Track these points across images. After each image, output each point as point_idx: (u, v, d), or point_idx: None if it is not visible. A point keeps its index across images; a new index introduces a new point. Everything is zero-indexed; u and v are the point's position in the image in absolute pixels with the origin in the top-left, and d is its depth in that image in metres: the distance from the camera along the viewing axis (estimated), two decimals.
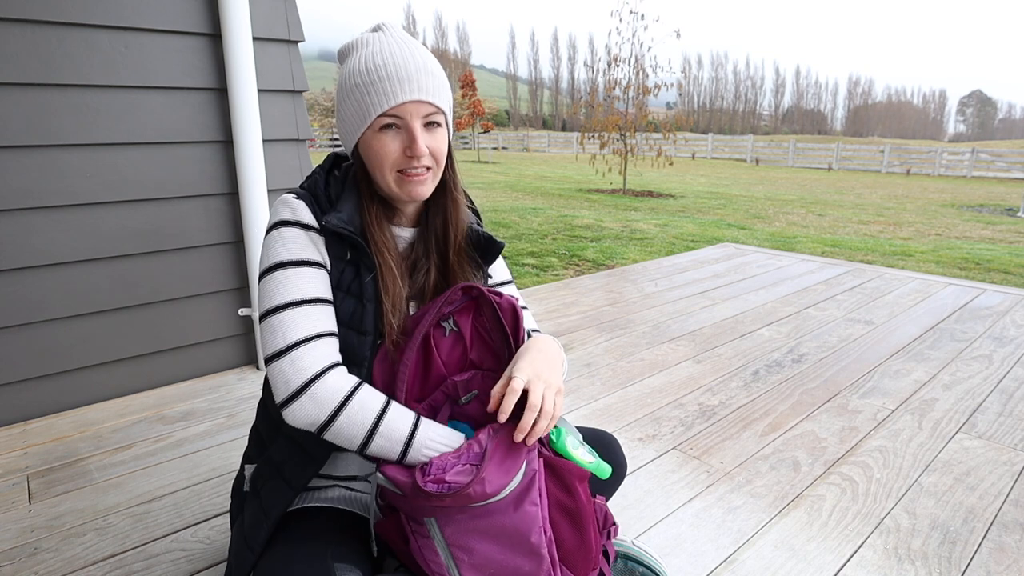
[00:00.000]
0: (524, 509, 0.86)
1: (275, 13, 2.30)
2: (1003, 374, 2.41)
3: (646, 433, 1.92)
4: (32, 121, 1.89)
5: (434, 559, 0.88)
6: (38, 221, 1.95)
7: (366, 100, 0.92)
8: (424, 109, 0.93)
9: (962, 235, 7.48)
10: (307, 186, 1.01)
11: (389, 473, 0.88)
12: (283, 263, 0.93)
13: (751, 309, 3.24)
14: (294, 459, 1.00)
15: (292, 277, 0.93)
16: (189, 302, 2.29)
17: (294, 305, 0.91)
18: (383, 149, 0.93)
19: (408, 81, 0.91)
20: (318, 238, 0.96)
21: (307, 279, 0.93)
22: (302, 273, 0.93)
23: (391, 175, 0.95)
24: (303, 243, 0.95)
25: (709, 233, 6.66)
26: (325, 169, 1.03)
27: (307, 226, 0.96)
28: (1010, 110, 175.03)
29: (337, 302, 0.96)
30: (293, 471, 0.99)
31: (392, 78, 0.91)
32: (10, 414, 2.00)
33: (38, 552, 1.37)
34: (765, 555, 1.38)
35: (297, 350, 0.89)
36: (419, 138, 0.92)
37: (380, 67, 0.91)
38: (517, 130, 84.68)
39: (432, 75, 0.93)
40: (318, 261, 0.95)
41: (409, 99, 0.91)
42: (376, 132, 0.93)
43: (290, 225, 0.95)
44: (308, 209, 0.97)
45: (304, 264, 0.94)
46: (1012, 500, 1.59)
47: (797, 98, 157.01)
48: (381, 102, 0.91)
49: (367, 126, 0.93)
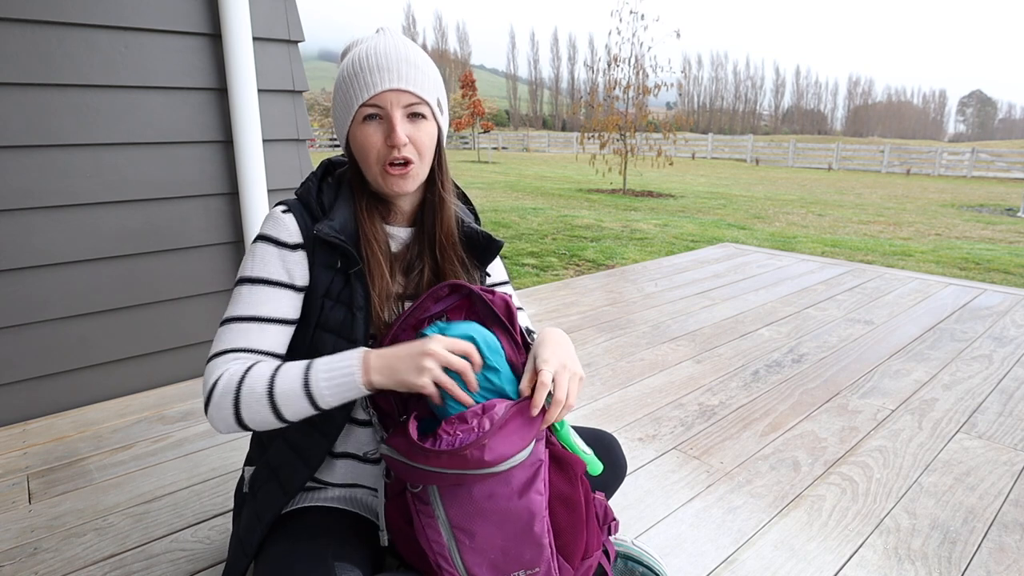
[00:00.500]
0: (530, 497, 0.87)
1: (275, 13, 2.30)
2: (1003, 374, 2.41)
3: (646, 433, 1.92)
4: (32, 121, 1.89)
5: (436, 539, 0.88)
6: (38, 221, 1.95)
7: (350, 92, 0.94)
8: (405, 98, 0.93)
9: (962, 235, 7.48)
10: (300, 193, 1.02)
11: (392, 442, 0.88)
12: (244, 279, 0.95)
13: (751, 309, 3.24)
14: (289, 463, 1.00)
15: (245, 294, 0.94)
16: (189, 302, 2.29)
17: (233, 320, 0.93)
18: (367, 140, 0.94)
19: (388, 71, 0.92)
20: (295, 255, 0.96)
21: (258, 297, 0.94)
22: (255, 291, 0.94)
23: (376, 168, 0.96)
24: (271, 261, 0.95)
25: (709, 233, 6.66)
26: (318, 176, 1.04)
27: (283, 244, 0.96)
28: (1010, 110, 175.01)
29: (326, 310, 0.97)
30: (288, 475, 1.00)
31: (372, 68, 0.92)
32: (10, 414, 2.00)
33: (38, 552, 1.37)
34: (765, 555, 1.38)
35: (211, 363, 0.91)
36: (398, 126, 0.93)
37: (363, 59, 0.93)
38: (517, 130, 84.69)
39: (414, 66, 0.94)
40: (281, 281, 0.95)
41: (388, 87, 0.92)
42: (360, 123, 0.94)
43: (266, 242, 0.96)
44: (296, 222, 0.97)
45: (262, 283, 0.94)
46: (1012, 500, 1.59)
47: (797, 98, 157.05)
48: (361, 92, 0.93)
49: (351, 118, 0.95)
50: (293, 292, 0.97)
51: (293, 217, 0.98)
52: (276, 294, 0.95)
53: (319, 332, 0.98)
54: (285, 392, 0.86)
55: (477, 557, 0.87)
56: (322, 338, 0.98)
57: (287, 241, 0.96)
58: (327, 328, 0.97)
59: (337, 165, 1.08)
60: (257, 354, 0.92)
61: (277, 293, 0.95)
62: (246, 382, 0.87)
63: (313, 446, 0.99)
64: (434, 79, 0.98)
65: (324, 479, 1.06)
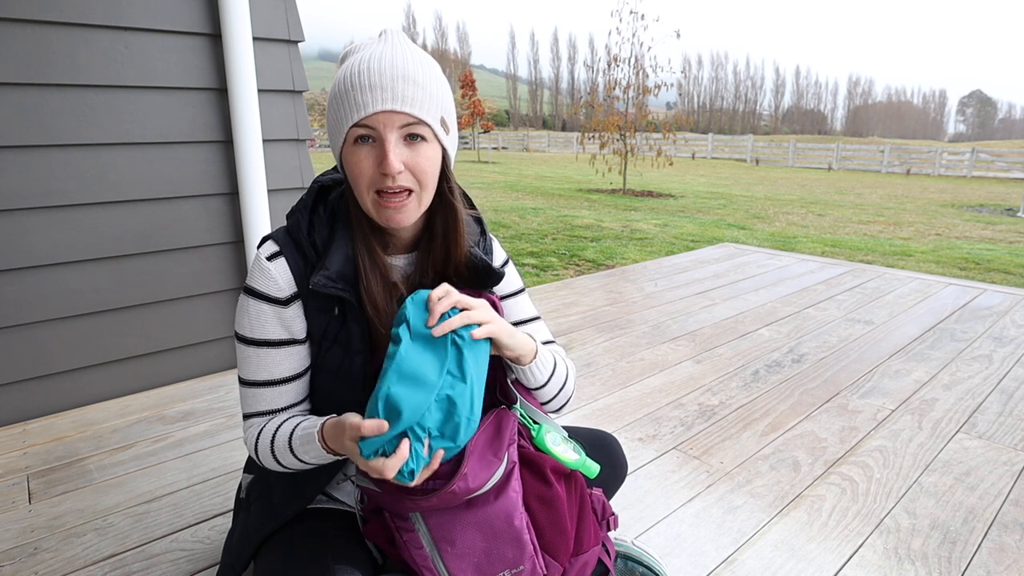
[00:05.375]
0: (506, 495, 0.88)
1: (275, 13, 2.30)
2: (1003, 374, 2.41)
3: (646, 433, 1.92)
4: (32, 121, 1.89)
5: (419, 551, 0.88)
6: (38, 221, 1.95)
7: (341, 111, 0.85)
8: (399, 120, 0.83)
9: (962, 235, 7.48)
10: (290, 227, 0.95)
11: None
12: (244, 338, 0.95)
13: (751, 309, 3.24)
14: (285, 486, 1.01)
15: (252, 358, 0.95)
16: (189, 302, 2.29)
17: (249, 385, 0.96)
18: (358, 165, 0.85)
19: (381, 89, 0.82)
20: (289, 310, 0.93)
21: (265, 361, 0.94)
22: (261, 355, 0.94)
23: (368, 196, 0.87)
24: (267, 321, 0.93)
25: (709, 233, 6.66)
26: (308, 208, 0.95)
27: (276, 300, 0.92)
28: (1010, 110, 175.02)
29: (323, 352, 0.96)
30: (281, 500, 1.00)
31: (365, 86, 0.82)
32: (10, 414, 2.00)
33: (38, 552, 1.37)
34: (765, 555, 1.37)
35: (244, 423, 1.00)
36: (391, 152, 0.83)
37: (357, 75, 0.83)
38: (517, 130, 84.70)
39: (414, 83, 0.84)
40: (281, 339, 0.94)
41: (380, 109, 0.82)
42: (352, 145, 0.85)
43: (258, 300, 0.92)
44: (287, 269, 0.92)
45: (265, 345, 0.94)
46: (1012, 500, 1.59)
47: (797, 98, 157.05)
48: (352, 112, 0.83)
49: (343, 139, 0.86)
50: (297, 345, 0.96)
51: (284, 263, 0.92)
52: (281, 354, 0.94)
53: (317, 373, 0.98)
54: (287, 460, 0.94)
55: (461, 563, 0.87)
56: (321, 379, 0.98)
57: (279, 297, 0.92)
58: (325, 370, 0.96)
59: (330, 188, 0.99)
60: (279, 412, 0.97)
61: (282, 353, 0.94)
62: (260, 446, 0.95)
63: (310, 480, 1.00)
64: (437, 96, 0.87)
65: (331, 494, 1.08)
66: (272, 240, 0.95)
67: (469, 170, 17.39)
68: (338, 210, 0.96)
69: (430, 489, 0.83)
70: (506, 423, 0.91)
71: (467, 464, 0.83)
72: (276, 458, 0.94)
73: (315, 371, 0.98)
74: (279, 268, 0.92)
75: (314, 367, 0.98)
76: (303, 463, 0.92)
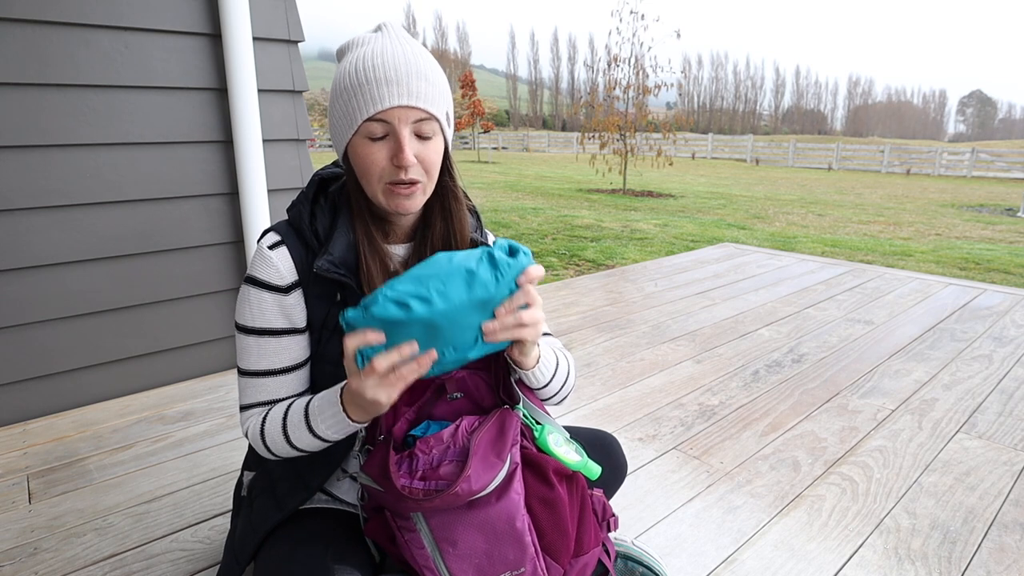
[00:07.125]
0: (508, 497, 0.88)
1: (275, 13, 2.30)
2: (1003, 374, 2.41)
3: (646, 433, 1.92)
4: (32, 121, 1.89)
5: (420, 552, 0.88)
6: (38, 221, 1.95)
7: (353, 103, 0.86)
8: (414, 115, 0.86)
9: (962, 235, 7.48)
10: (292, 218, 0.97)
11: (372, 472, 0.88)
12: (245, 328, 0.95)
13: (751, 309, 3.24)
14: (288, 479, 1.01)
15: (253, 347, 0.95)
16: (189, 302, 2.29)
17: (248, 375, 0.96)
18: (369, 158, 0.87)
19: (397, 84, 0.84)
20: (290, 298, 0.94)
21: (265, 349, 0.94)
22: (262, 344, 0.94)
23: (379, 186, 0.89)
24: (268, 309, 0.93)
25: (709, 233, 6.66)
26: (309, 199, 0.97)
27: (277, 288, 0.93)
28: (1010, 110, 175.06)
29: (324, 341, 0.96)
30: (285, 492, 1.00)
31: (380, 80, 0.84)
32: (10, 414, 2.00)
33: (38, 552, 1.37)
34: (765, 555, 1.38)
35: (241, 414, 0.99)
36: (406, 147, 0.85)
37: (369, 68, 0.84)
38: (517, 130, 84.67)
39: (426, 79, 0.86)
40: (283, 328, 0.94)
41: (397, 104, 0.84)
42: (363, 138, 0.87)
43: (259, 288, 0.93)
44: (289, 257, 0.94)
45: (266, 334, 0.94)
46: (1012, 500, 1.59)
47: (797, 98, 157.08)
48: (367, 106, 0.84)
49: (354, 131, 0.87)
50: (298, 334, 0.96)
51: (286, 250, 0.94)
52: (282, 343, 0.95)
53: (318, 363, 0.98)
54: (299, 437, 0.91)
55: (462, 563, 0.87)
56: (322, 369, 0.98)
57: (280, 285, 0.93)
58: (326, 359, 0.97)
59: (330, 181, 1.01)
60: (278, 402, 0.96)
61: (283, 342, 0.95)
62: (268, 428, 0.94)
63: (314, 471, 1.00)
64: (443, 90, 0.90)
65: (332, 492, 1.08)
66: (273, 231, 0.96)
67: (469, 170, 17.40)
68: (339, 201, 0.98)
69: (433, 490, 0.83)
70: (509, 424, 0.91)
71: (470, 466, 0.83)
72: (287, 435, 0.91)
73: (315, 361, 0.98)
74: (281, 256, 0.94)
75: (314, 357, 0.98)
76: (316, 437, 0.89)
